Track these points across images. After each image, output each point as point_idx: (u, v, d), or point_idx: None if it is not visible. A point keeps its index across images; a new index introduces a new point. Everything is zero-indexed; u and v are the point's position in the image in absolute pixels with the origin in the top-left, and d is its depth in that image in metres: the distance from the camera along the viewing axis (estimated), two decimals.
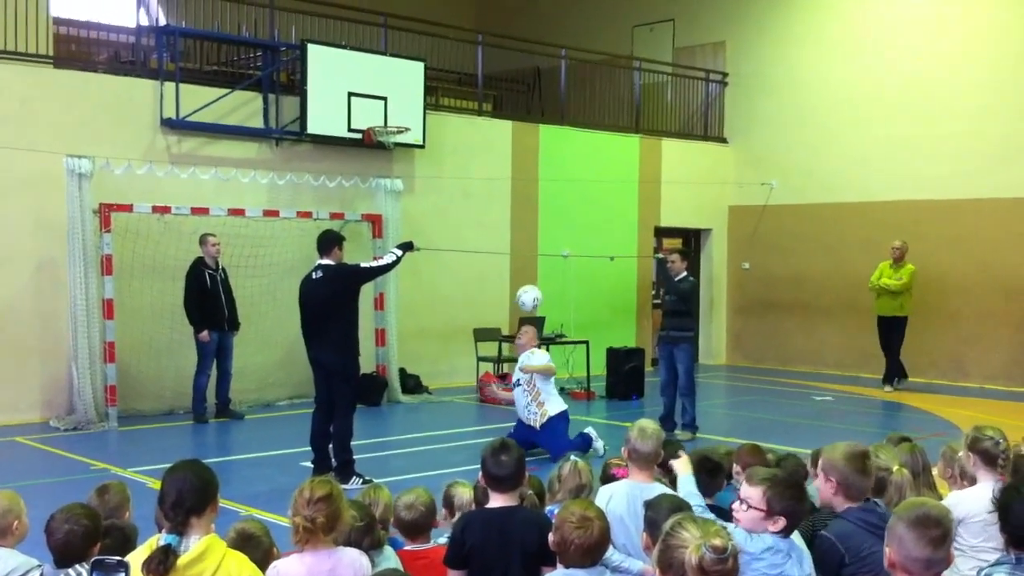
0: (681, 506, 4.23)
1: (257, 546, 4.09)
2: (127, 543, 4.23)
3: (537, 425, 10.20)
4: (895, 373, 15.36)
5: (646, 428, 5.11)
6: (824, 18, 17.77)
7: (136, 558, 3.37)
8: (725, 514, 4.47)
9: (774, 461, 5.43)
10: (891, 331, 15.21)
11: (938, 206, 16.14)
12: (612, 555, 4.66)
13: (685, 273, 11.60)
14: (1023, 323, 15.28)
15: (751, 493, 4.00)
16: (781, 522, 3.94)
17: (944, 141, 16.08)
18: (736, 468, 5.50)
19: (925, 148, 16.30)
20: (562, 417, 10.29)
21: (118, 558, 2.70)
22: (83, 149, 11.53)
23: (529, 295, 11.96)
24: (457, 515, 4.98)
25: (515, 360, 14.57)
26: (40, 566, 4.04)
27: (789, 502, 3.98)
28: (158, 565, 3.32)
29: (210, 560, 3.43)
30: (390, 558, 4.40)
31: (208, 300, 11.97)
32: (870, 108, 16.94)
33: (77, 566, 3.84)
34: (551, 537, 3.80)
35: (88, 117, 12.05)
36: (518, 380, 10.55)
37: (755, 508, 3.98)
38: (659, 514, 4.01)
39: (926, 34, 16.42)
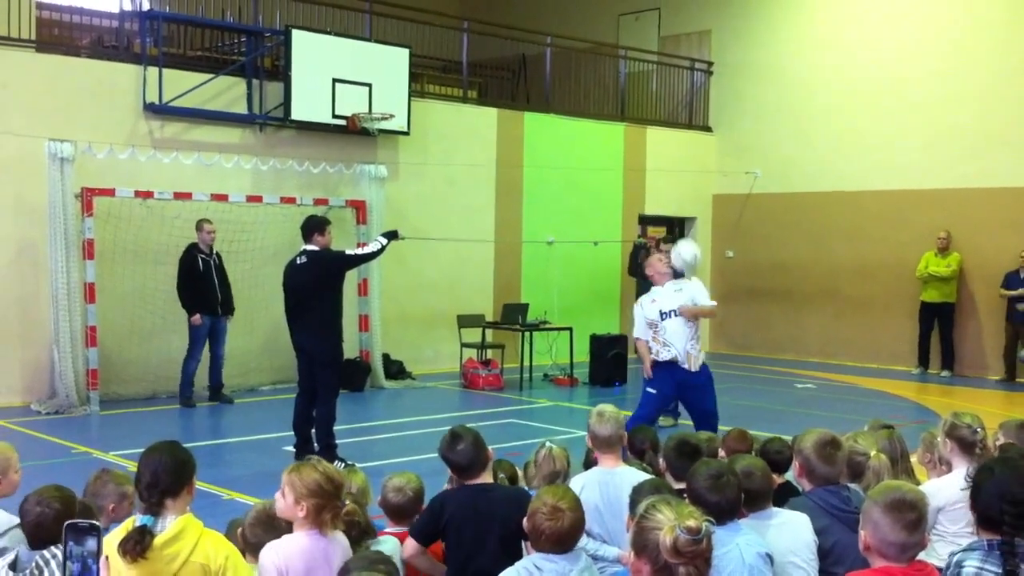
0: (660, 488, 4.24)
1: (278, 527, 4.03)
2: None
3: (694, 366, 8.51)
4: (950, 358, 15.75)
5: (604, 412, 5.11)
6: (809, 8, 17.79)
7: (112, 540, 3.37)
8: None
9: (758, 445, 5.46)
10: (940, 317, 15.68)
11: (918, 195, 16.20)
12: (587, 543, 4.65)
13: None
14: (1000, 310, 15.33)
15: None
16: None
17: (925, 131, 16.14)
18: (721, 453, 5.52)
19: (906, 137, 16.35)
20: None
21: (91, 522, 2.68)
22: (65, 133, 11.47)
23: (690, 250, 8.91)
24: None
25: (498, 347, 14.72)
26: (20, 525, 4.05)
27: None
28: (135, 545, 3.32)
29: (187, 540, 3.44)
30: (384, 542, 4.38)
31: (200, 284, 11.92)
32: (853, 98, 16.99)
33: (52, 548, 3.82)
34: (525, 523, 3.80)
35: (70, 101, 11.98)
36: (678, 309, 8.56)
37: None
38: (640, 496, 4.01)
39: (909, 25, 16.45)
